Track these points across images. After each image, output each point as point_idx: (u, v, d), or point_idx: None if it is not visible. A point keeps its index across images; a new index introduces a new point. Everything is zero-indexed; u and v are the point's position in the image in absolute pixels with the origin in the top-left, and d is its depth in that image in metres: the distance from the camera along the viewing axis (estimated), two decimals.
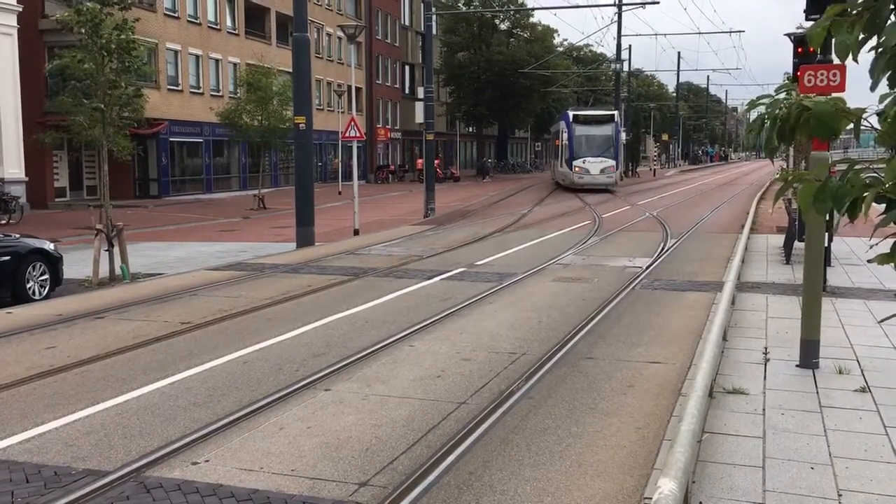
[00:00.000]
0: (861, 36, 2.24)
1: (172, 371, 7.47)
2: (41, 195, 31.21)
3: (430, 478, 4.97)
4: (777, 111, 2.47)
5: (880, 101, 2.37)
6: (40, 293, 12.20)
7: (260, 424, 6.00)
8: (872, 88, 2.34)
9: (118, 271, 13.94)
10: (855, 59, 2.30)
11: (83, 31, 13.76)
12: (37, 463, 5.30)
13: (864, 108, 2.41)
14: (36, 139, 16.96)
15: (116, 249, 13.99)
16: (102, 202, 14.35)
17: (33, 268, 12.15)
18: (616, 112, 43.12)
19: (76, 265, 14.47)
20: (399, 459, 5.32)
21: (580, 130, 39.72)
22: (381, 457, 5.37)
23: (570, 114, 41.58)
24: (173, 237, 21.84)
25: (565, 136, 40.78)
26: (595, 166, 38.65)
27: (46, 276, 12.37)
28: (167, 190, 37.10)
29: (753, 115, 2.70)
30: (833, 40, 2.27)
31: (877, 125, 2.42)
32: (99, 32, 13.70)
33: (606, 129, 39.84)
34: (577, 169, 39.00)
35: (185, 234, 22.66)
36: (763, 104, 2.57)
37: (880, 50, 2.24)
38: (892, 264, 2.39)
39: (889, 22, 2.20)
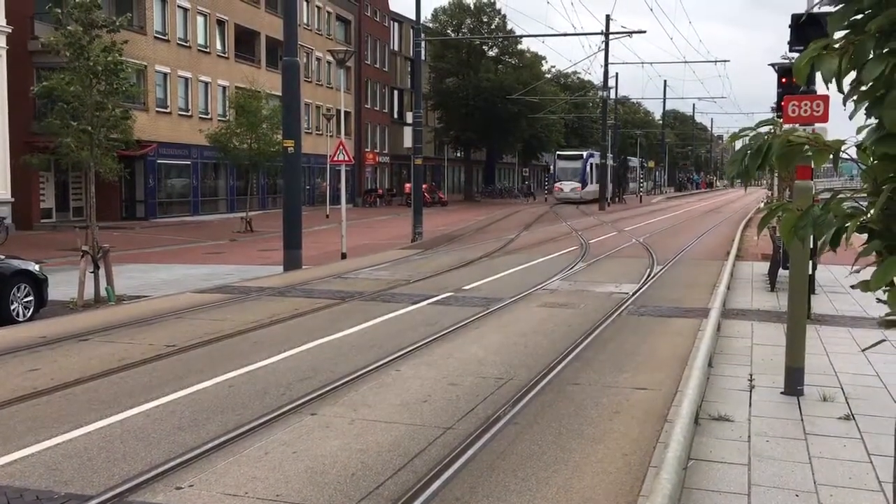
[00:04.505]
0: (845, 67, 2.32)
1: (157, 394, 7.42)
2: (27, 216, 31.05)
3: None
4: (758, 143, 2.53)
5: (858, 133, 2.43)
6: (24, 315, 12.10)
7: (245, 449, 5.97)
8: (851, 117, 2.42)
9: (103, 293, 13.86)
10: (839, 88, 2.36)
11: (69, 53, 13.78)
12: (19, 487, 5.24)
13: (843, 141, 2.47)
14: (23, 160, 16.89)
15: (102, 271, 13.93)
16: (89, 223, 14.30)
17: (18, 289, 12.07)
18: (585, 152, 62.75)
19: (61, 287, 14.38)
20: (385, 485, 5.29)
21: (560, 164, 63.02)
22: (367, 482, 5.34)
23: (557, 153, 65.07)
24: (159, 259, 21.75)
25: (553, 167, 66.03)
26: (567, 186, 60.63)
27: (31, 298, 12.28)
28: (154, 212, 36.99)
29: (738, 145, 2.75)
30: (820, 68, 2.34)
31: (854, 156, 2.48)
32: (85, 55, 13.72)
33: (577, 164, 61.31)
34: (556, 188, 62.12)
35: (172, 257, 22.57)
36: (745, 136, 2.63)
37: (859, 80, 2.31)
38: (873, 292, 2.44)
39: (870, 57, 2.26)
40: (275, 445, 6.04)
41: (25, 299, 12.20)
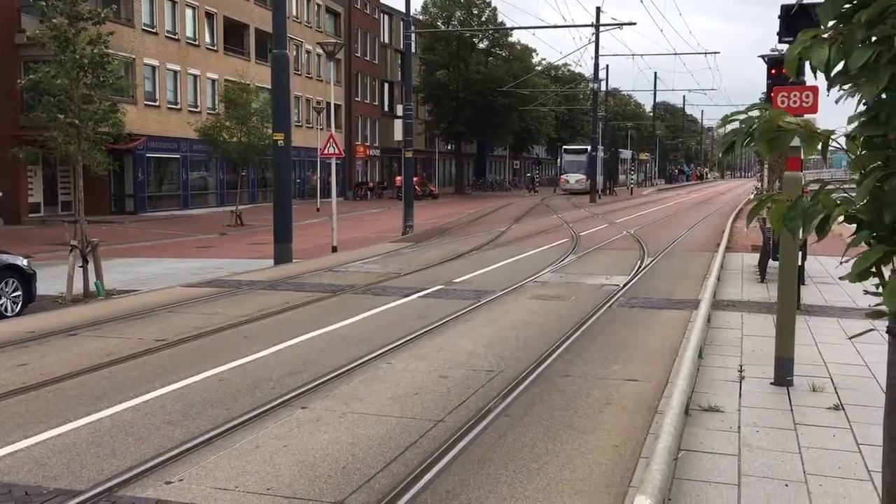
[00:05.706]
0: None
1: (147, 389, 7.39)
2: (15, 210, 30.87)
3: (407, 496, 4.95)
4: (748, 126, 2.55)
5: (848, 123, 2.44)
6: (13, 310, 12.03)
7: (235, 443, 5.95)
8: (837, 101, 2.44)
9: (92, 288, 13.79)
10: (827, 77, 2.37)
11: (54, 46, 13.67)
12: (7, 482, 5.21)
13: (833, 130, 2.47)
14: (10, 154, 16.74)
15: (91, 266, 13.85)
16: (77, 218, 14.22)
17: (6, 284, 12.00)
18: (589, 147, 62.33)
19: (50, 281, 14.29)
20: (376, 478, 5.29)
21: (566, 157, 68.44)
22: (358, 475, 5.33)
23: (564, 148, 70.50)
24: (149, 253, 21.67)
25: (560, 161, 71.15)
26: (572, 178, 66.12)
27: (19, 293, 12.21)
28: (143, 206, 36.82)
29: (729, 128, 2.76)
30: (810, 58, 2.35)
31: (843, 146, 2.49)
32: (71, 47, 13.61)
33: (581, 157, 65.07)
34: (563, 180, 67.81)
35: (161, 251, 22.48)
36: (738, 119, 2.63)
37: (847, 68, 2.32)
38: (862, 283, 2.44)
39: (858, 47, 2.27)
40: (265, 439, 6.03)
41: (13, 294, 12.12)
